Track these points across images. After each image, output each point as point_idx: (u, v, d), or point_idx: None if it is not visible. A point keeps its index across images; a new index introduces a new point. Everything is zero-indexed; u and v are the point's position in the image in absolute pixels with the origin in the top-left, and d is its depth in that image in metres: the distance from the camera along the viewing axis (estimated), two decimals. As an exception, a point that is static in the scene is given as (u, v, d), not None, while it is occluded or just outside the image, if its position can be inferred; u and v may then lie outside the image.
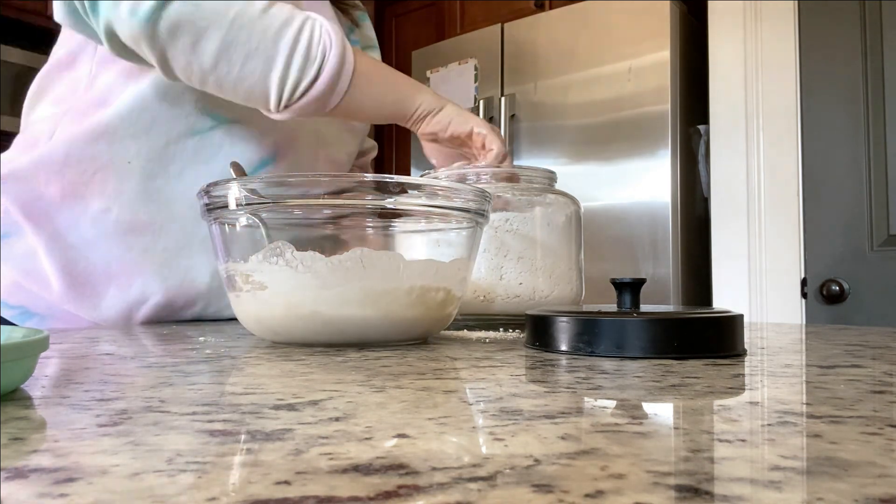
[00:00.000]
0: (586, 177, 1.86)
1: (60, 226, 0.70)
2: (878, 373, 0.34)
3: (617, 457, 0.17)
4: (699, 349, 0.39)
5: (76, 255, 0.70)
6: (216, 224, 0.48)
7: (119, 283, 0.71)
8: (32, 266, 0.69)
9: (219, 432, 0.20)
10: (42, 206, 0.69)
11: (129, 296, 0.72)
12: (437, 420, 0.22)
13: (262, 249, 0.45)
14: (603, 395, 0.27)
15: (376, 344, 0.47)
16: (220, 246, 0.48)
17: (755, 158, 1.71)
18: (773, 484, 0.15)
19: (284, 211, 0.47)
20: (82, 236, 0.70)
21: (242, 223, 0.47)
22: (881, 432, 0.20)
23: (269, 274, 0.45)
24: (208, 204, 0.47)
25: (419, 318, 0.47)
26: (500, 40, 2.09)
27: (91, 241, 0.70)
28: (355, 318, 0.44)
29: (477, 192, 0.49)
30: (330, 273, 0.44)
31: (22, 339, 0.27)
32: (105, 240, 0.71)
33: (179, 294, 0.74)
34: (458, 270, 0.49)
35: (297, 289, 0.44)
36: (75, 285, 0.70)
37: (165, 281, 0.73)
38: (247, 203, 0.45)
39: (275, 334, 0.47)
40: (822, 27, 1.64)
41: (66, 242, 0.70)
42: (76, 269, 0.70)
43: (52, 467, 0.16)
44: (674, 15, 1.78)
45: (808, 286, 1.64)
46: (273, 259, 0.45)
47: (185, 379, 0.31)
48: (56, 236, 0.69)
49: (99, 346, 0.47)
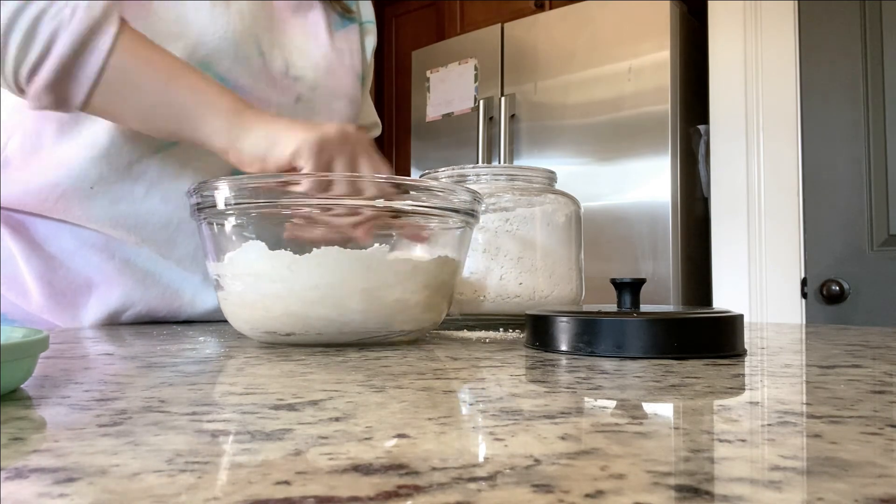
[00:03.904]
0: (586, 177, 1.86)
1: (38, 237, 0.68)
2: (878, 373, 0.34)
3: (617, 457, 0.17)
4: (699, 349, 0.39)
5: (55, 265, 0.68)
6: (205, 224, 0.48)
7: (99, 293, 0.69)
8: (11, 272, 0.68)
9: (219, 432, 0.20)
10: (18, 218, 0.68)
11: (110, 306, 0.70)
12: (437, 420, 0.22)
13: (236, 249, 0.46)
14: (603, 395, 0.27)
15: (354, 343, 0.46)
16: (210, 246, 0.48)
17: (755, 158, 1.71)
18: (773, 484, 0.15)
19: (272, 211, 0.46)
20: (62, 247, 0.68)
21: (231, 223, 0.47)
22: (881, 432, 0.20)
23: (244, 273, 0.45)
24: (198, 203, 0.47)
25: (391, 317, 0.46)
26: (500, 40, 2.09)
27: (71, 252, 0.68)
28: (330, 317, 0.44)
29: (467, 192, 0.49)
30: (302, 271, 0.43)
31: (22, 339, 0.27)
32: (86, 249, 0.69)
33: (162, 304, 0.72)
34: (442, 269, 0.48)
35: (269, 288, 0.44)
36: (54, 294, 0.68)
37: (147, 290, 0.71)
38: (235, 203, 0.45)
39: (255, 332, 0.47)
40: (822, 27, 1.64)
41: (44, 252, 0.68)
42: (55, 278, 0.68)
43: (52, 467, 0.16)
44: (674, 15, 1.78)
45: (808, 286, 1.64)
46: (243, 258, 0.45)
47: (185, 379, 0.31)
48: (34, 245, 0.68)
49: (99, 346, 0.47)
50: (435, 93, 2.24)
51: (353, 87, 0.83)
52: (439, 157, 2.21)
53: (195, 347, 0.46)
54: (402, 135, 2.87)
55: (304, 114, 0.77)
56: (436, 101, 2.24)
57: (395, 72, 2.95)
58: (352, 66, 0.84)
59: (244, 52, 0.70)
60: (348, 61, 0.83)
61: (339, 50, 0.83)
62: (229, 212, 0.46)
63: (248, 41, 0.71)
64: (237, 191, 0.45)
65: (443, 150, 2.21)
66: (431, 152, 2.25)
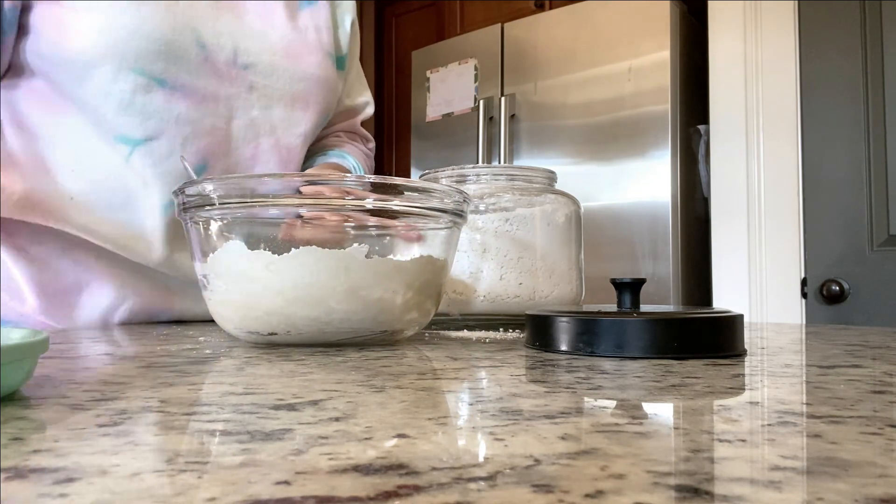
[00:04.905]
0: (586, 177, 1.86)
1: (24, 240, 0.68)
2: (878, 373, 0.34)
3: (617, 457, 0.17)
4: (699, 349, 0.39)
5: (44, 266, 0.68)
6: (191, 224, 0.48)
7: (90, 291, 0.69)
8: (5, 275, 0.68)
9: (219, 432, 0.20)
10: (2, 222, 0.68)
11: (102, 303, 0.70)
12: (437, 420, 0.22)
13: (217, 249, 0.46)
14: (603, 395, 0.27)
15: (337, 343, 0.46)
16: (195, 246, 0.48)
17: (755, 158, 1.71)
18: (773, 484, 0.15)
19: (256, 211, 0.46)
20: (47, 248, 0.68)
21: (215, 223, 0.47)
22: (881, 432, 0.20)
23: (225, 272, 0.45)
24: (184, 203, 0.47)
25: (374, 317, 0.46)
26: (500, 40, 2.09)
27: (57, 253, 0.68)
28: (311, 316, 0.44)
29: (455, 192, 0.49)
30: (280, 271, 0.43)
31: (22, 340, 0.27)
32: (72, 249, 0.69)
33: (154, 299, 0.72)
34: (425, 269, 0.48)
35: (249, 287, 0.44)
36: (46, 295, 0.68)
37: (139, 285, 0.71)
38: (220, 203, 0.45)
39: (239, 331, 0.47)
40: (822, 27, 1.64)
41: (31, 254, 0.68)
42: (45, 280, 0.68)
43: (52, 467, 0.16)
44: (674, 15, 1.78)
45: (808, 286, 1.64)
46: (224, 258, 0.45)
47: (185, 379, 0.31)
48: (21, 249, 0.68)
49: (99, 346, 0.47)
50: (435, 93, 2.24)
51: (319, 67, 0.79)
52: (439, 157, 2.21)
53: (195, 347, 0.46)
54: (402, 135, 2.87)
55: (260, 102, 0.73)
56: (436, 101, 2.24)
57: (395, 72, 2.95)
58: (319, 45, 0.80)
59: (180, 49, 0.67)
60: (314, 39, 0.79)
61: (302, 28, 0.79)
62: (214, 212, 0.46)
63: (183, 36, 0.67)
64: (222, 190, 0.45)
65: (443, 150, 2.21)
66: (431, 152, 2.25)
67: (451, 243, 0.51)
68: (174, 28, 0.67)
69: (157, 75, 0.66)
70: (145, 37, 0.65)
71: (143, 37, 0.65)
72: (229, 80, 0.72)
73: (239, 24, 0.73)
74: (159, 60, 0.66)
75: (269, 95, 0.75)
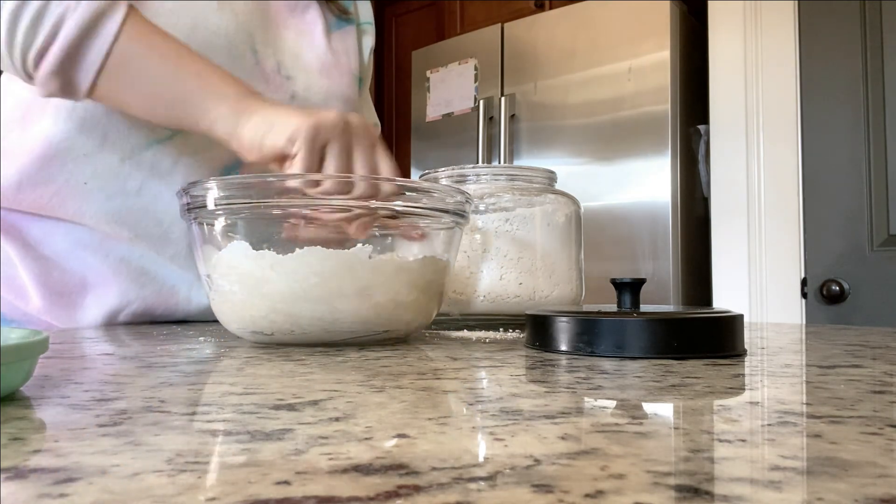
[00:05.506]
0: (586, 177, 1.86)
1: (31, 239, 0.68)
2: (878, 373, 0.34)
3: (617, 457, 0.17)
4: (699, 349, 0.39)
5: (50, 266, 0.68)
6: (195, 224, 0.48)
7: (96, 293, 0.69)
8: (10, 274, 0.68)
9: (219, 432, 0.20)
10: (11, 220, 0.68)
11: (107, 305, 0.70)
12: (437, 420, 0.22)
13: (222, 249, 0.46)
14: (603, 395, 0.27)
15: (340, 343, 0.46)
16: (199, 245, 0.48)
17: (755, 158, 1.71)
18: (773, 484, 0.15)
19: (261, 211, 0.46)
20: (55, 248, 0.68)
21: (219, 223, 0.47)
22: (881, 432, 0.20)
23: (229, 273, 0.45)
24: (188, 203, 0.47)
25: (376, 317, 0.46)
26: (500, 40, 2.09)
27: (65, 253, 0.68)
28: (314, 317, 0.44)
29: (456, 192, 0.49)
30: (284, 271, 0.43)
31: (22, 340, 0.27)
32: (80, 250, 0.69)
33: (158, 302, 0.72)
34: (427, 269, 0.48)
35: (253, 288, 0.44)
36: (51, 295, 0.68)
37: (143, 288, 0.71)
38: (226, 203, 0.45)
39: (242, 331, 0.47)
40: (822, 27, 1.64)
41: (38, 253, 0.68)
42: (51, 280, 0.68)
43: (52, 467, 0.16)
44: (674, 15, 1.78)
45: (808, 286, 1.64)
46: (228, 258, 0.45)
47: (185, 379, 0.31)
48: (28, 247, 0.68)
49: (99, 347, 0.47)
50: (435, 93, 2.24)
51: (348, 88, 0.83)
52: (439, 157, 2.21)
53: (195, 347, 0.46)
54: (402, 135, 2.87)
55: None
56: (436, 101, 2.24)
57: (395, 72, 2.95)
58: (348, 68, 0.83)
59: (238, 49, 0.70)
60: (344, 63, 0.83)
61: (336, 51, 0.82)
62: (218, 212, 0.46)
63: (241, 39, 0.70)
64: (226, 191, 0.45)
65: (443, 150, 2.21)
66: (431, 152, 2.25)
67: (453, 244, 0.52)
68: (236, 29, 0.69)
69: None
70: (210, 30, 0.67)
71: (206, 29, 0.67)
72: (275, 86, 0.74)
73: (282, 39, 0.76)
74: (219, 55, 0.67)
75: (307, 107, 0.77)
